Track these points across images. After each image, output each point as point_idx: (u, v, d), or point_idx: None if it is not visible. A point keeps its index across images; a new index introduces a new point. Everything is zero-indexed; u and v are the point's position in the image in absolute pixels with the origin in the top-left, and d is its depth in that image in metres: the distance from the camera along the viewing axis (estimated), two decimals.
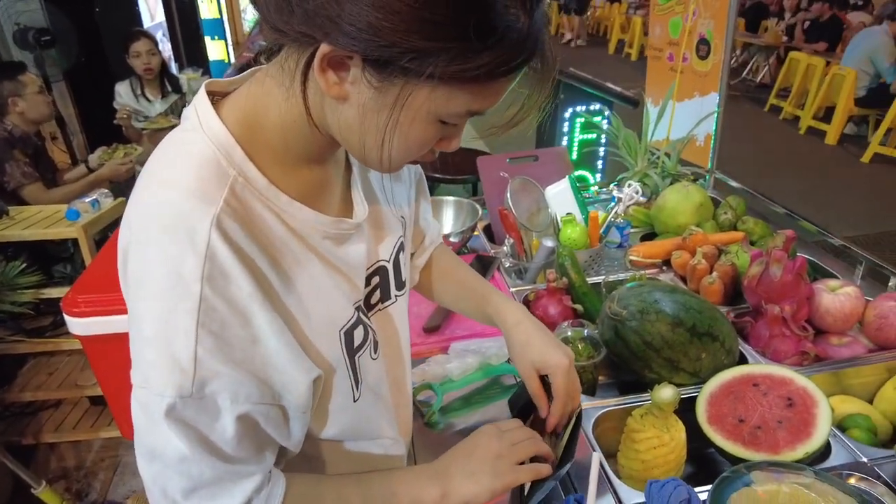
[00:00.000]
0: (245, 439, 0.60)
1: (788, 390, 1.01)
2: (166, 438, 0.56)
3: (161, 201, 0.56)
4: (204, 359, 0.55)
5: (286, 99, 0.59)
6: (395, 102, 0.54)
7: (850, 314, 1.23)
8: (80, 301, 1.50)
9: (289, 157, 0.64)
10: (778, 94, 7.11)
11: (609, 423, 1.07)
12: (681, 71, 2.02)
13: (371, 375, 0.76)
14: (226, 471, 0.59)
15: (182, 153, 0.59)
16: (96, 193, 2.09)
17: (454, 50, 0.50)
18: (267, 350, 0.59)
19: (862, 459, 0.94)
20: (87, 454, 2.40)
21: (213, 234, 0.55)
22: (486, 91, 0.56)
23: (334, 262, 0.69)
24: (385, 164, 0.61)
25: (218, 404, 0.57)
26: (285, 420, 0.63)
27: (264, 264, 0.60)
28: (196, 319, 0.54)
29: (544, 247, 1.49)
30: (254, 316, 0.58)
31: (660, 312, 1.08)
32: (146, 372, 0.56)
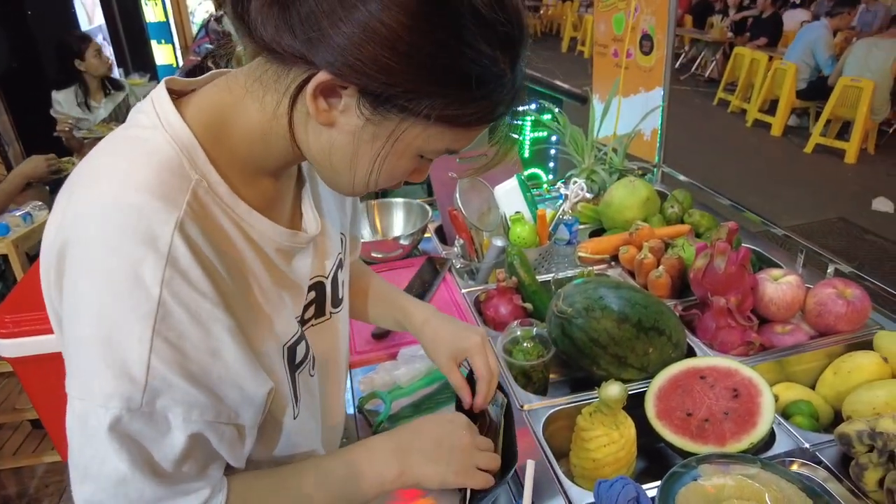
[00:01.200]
0: (192, 458, 0.57)
1: (734, 381, 1.02)
2: (104, 456, 0.52)
3: (119, 201, 0.52)
4: (157, 369, 0.51)
5: (260, 112, 0.58)
6: (389, 136, 0.56)
7: (792, 302, 1.25)
8: (8, 321, 1.42)
9: (250, 166, 0.62)
10: (725, 89, 7.32)
11: (560, 423, 1.06)
12: (625, 67, 2.04)
13: (308, 393, 0.75)
14: (166, 493, 0.56)
15: (141, 151, 0.55)
16: (28, 206, 1.98)
17: (451, 96, 0.53)
18: (225, 364, 0.56)
19: (805, 445, 0.96)
20: (29, 481, 2.27)
21: (175, 239, 0.52)
22: (468, 134, 0.59)
23: (283, 275, 0.67)
24: (356, 189, 0.63)
25: (169, 420, 0.53)
26: (240, 439, 0.60)
27: (223, 273, 0.57)
28: (152, 326, 0.51)
29: (494, 246, 1.48)
30: (214, 326, 0.55)
31: (605, 309, 1.07)
32: (87, 382, 0.52)
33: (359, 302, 0.99)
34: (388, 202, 1.78)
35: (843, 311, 1.21)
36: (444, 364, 0.87)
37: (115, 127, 2.38)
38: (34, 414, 2.14)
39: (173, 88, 0.61)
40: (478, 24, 0.51)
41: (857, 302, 1.21)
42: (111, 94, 3.67)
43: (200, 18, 9.08)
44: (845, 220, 4.16)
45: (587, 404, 1.02)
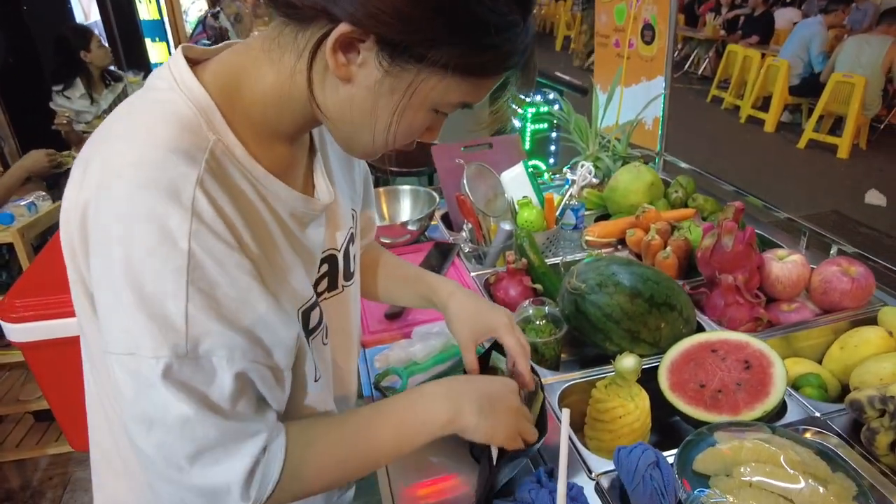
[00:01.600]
0: (244, 398, 0.58)
1: (745, 354, 1.04)
2: (165, 402, 0.54)
3: (141, 158, 0.53)
4: (196, 317, 0.53)
5: (276, 73, 0.59)
6: (408, 87, 0.56)
7: (797, 281, 1.27)
8: (18, 306, 1.42)
9: (265, 130, 0.63)
10: (718, 86, 7.38)
11: (574, 397, 1.08)
12: (627, 57, 2.06)
13: (323, 360, 0.76)
14: (230, 429, 0.57)
15: (160, 112, 0.57)
16: (32, 196, 1.98)
17: (467, 44, 0.54)
18: (254, 308, 0.57)
19: (815, 414, 0.98)
20: (33, 473, 2.27)
21: (197, 193, 0.53)
22: (481, 85, 0.60)
23: (298, 241, 0.68)
24: (375, 146, 0.63)
25: (213, 363, 0.55)
26: (278, 381, 0.62)
27: (245, 232, 0.58)
28: (186, 277, 0.52)
29: (502, 230, 1.50)
30: (241, 274, 0.56)
31: (618, 284, 1.09)
32: (132, 337, 0.53)
33: (382, 282, 1.00)
34: (396, 189, 1.79)
35: (847, 287, 1.23)
36: (464, 341, 0.88)
37: None
38: (38, 405, 2.13)
39: (189, 56, 0.62)
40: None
41: (862, 279, 1.24)
42: (111, 86, 3.66)
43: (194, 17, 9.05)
44: (839, 214, 4.21)
45: (600, 378, 1.04)
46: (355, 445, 0.67)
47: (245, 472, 0.57)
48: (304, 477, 0.63)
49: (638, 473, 0.81)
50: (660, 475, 0.80)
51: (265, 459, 0.59)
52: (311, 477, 0.64)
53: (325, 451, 0.65)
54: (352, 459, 0.67)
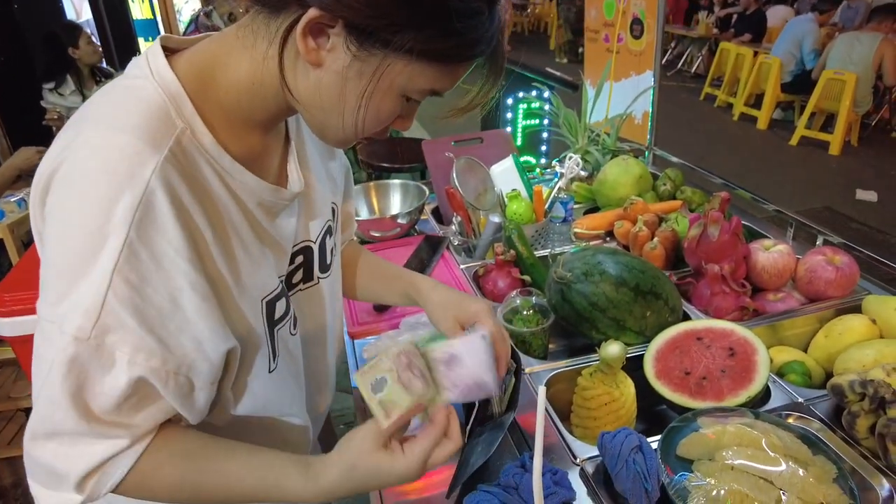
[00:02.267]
0: (128, 403, 0.58)
1: (730, 341, 1.05)
2: (48, 373, 0.54)
3: (104, 141, 0.54)
4: (112, 305, 0.53)
5: (249, 60, 0.60)
6: (374, 72, 0.57)
7: (783, 270, 1.28)
8: (7, 299, 1.42)
9: (237, 118, 0.64)
10: (711, 83, 7.40)
11: (560, 385, 1.08)
12: (616, 51, 2.07)
13: (287, 351, 0.76)
14: (87, 429, 0.57)
15: (130, 98, 0.58)
16: (22, 192, 1.97)
17: (433, 29, 0.55)
18: (184, 314, 0.57)
19: (798, 400, 0.99)
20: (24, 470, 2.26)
21: (153, 181, 0.54)
22: (449, 72, 0.61)
23: (265, 231, 0.68)
24: (345, 132, 0.63)
25: (114, 357, 0.54)
26: (190, 390, 0.61)
27: (202, 222, 0.59)
28: (115, 263, 0.52)
29: (491, 223, 1.50)
30: (178, 275, 0.56)
31: (603, 273, 1.10)
32: (51, 305, 0.54)
33: (361, 280, 1.00)
34: (386, 183, 1.79)
35: (832, 276, 1.24)
36: (450, 327, 0.88)
37: None
38: (29, 402, 2.12)
39: (167, 46, 0.63)
40: None
41: (846, 268, 1.25)
42: (102, 83, 3.65)
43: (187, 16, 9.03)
44: (831, 210, 4.24)
45: (586, 367, 1.05)
46: (207, 484, 0.64)
47: (85, 469, 0.58)
48: (151, 488, 0.63)
49: (621, 458, 0.82)
50: (643, 459, 0.81)
51: (111, 463, 0.60)
52: (156, 494, 0.64)
53: (174, 481, 0.63)
54: (200, 495, 0.65)
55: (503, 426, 0.91)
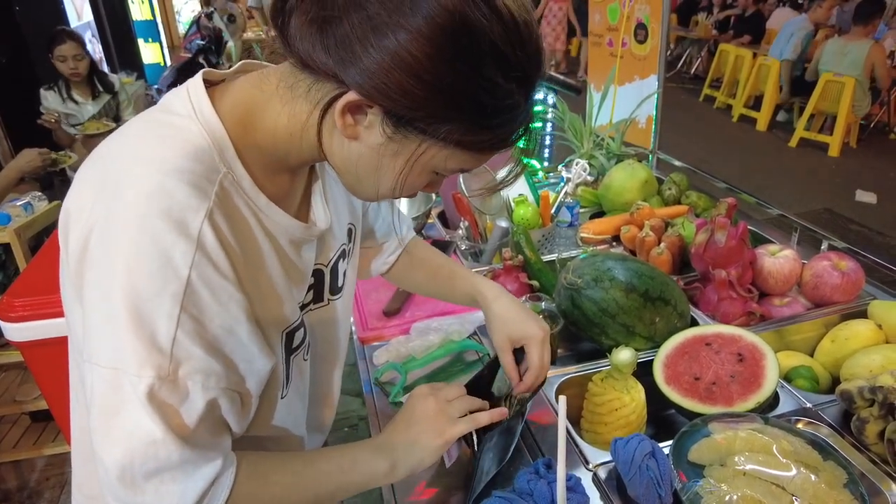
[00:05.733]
0: (207, 424, 0.60)
1: (738, 347, 1.06)
2: (137, 420, 0.55)
3: (155, 186, 0.55)
4: (182, 341, 0.55)
5: (288, 114, 0.62)
6: (411, 155, 0.60)
7: (789, 275, 1.30)
8: (17, 305, 1.42)
9: (272, 161, 0.65)
10: (711, 85, 7.42)
11: (571, 390, 1.09)
12: (620, 56, 2.08)
13: (299, 376, 0.78)
14: (192, 455, 0.58)
15: (176, 139, 0.58)
16: (28, 196, 1.97)
17: (468, 123, 0.57)
18: (238, 339, 0.60)
19: (807, 405, 1.00)
20: (30, 474, 2.26)
21: (204, 226, 0.56)
22: (481, 156, 0.63)
23: (292, 265, 0.71)
24: (378, 198, 0.67)
25: (188, 387, 0.57)
26: (244, 406, 0.64)
27: (240, 259, 0.61)
28: (180, 303, 0.54)
29: (498, 228, 1.51)
30: (232, 304, 0.59)
31: (613, 280, 1.11)
32: (118, 352, 0.55)
33: (426, 280, 1.03)
34: None
35: (838, 282, 1.25)
36: (502, 343, 0.90)
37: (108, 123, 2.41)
38: (34, 406, 2.13)
39: (206, 79, 0.64)
40: (497, 61, 0.55)
41: (852, 273, 1.26)
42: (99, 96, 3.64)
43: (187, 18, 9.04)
44: (831, 211, 4.25)
45: (596, 372, 1.06)
46: (298, 487, 0.69)
47: (197, 496, 0.59)
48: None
49: (634, 464, 0.83)
50: (656, 465, 0.82)
51: (216, 484, 0.61)
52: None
53: (271, 487, 0.67)
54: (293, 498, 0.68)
55: (515, 433, 0.92)
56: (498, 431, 0.85)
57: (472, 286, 0.97)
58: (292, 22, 0.56)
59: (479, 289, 0.96)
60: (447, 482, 0.92)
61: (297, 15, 0.56)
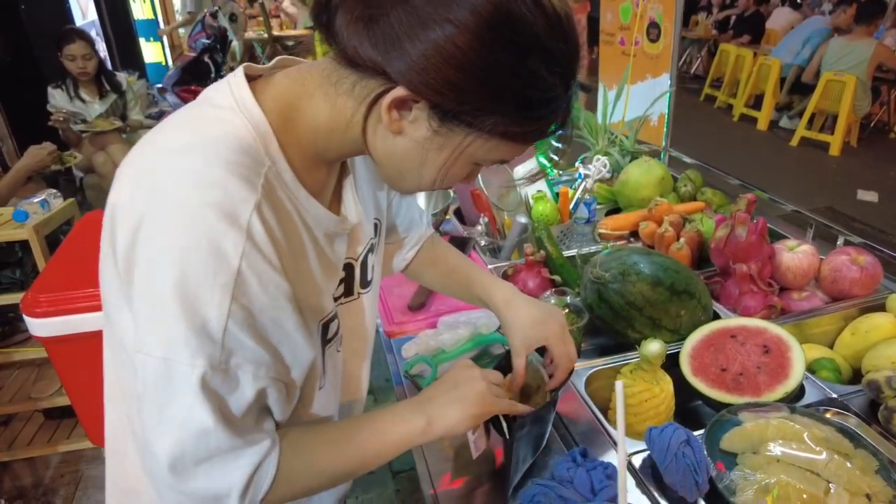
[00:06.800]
0: (254, 411, 0.61)
1: (764, 339, 1.08)
2: (189, 409, 0.56)
3: (205, 178, 0.55)
4: (233, 331, 0.56)
5: (330, 109, 0.62)
6: (455, 147, 0.61)
7: (808, 270, 1.32)
8: (41, 301, 1.43)
9: (311, 155, 0.66)
10: (711, 85, 7.45)
11: (598, 383, 1.11)
12: (633, 55, 2.10)
13: (332, 367, 0.79)
14: (239, 443, 0.60)
15: (221, 132, 0.59)
16: (44, 194, 1.98)
17: (512, 115, 0.58)
18: (284, 329, 0.61)
19: (833, 396, 1.02)
20: (44, 471, 2.27)
21: (253, 218, 0.57)
22: (522, 147, 0.64)
23: (326, 258, 0.72)
24: (418, 189, 0.69)
25: (239, 377, 0.58)
26: (288, 396, 0.65)
27: (284, 250, 0.62)
28: (231, 293, 0.55)
29: (518, 223, 1.53)
30: (279, 295, 0.60)
31: (640, 273, 1.12)
32: (170, 342, 0.55)
33: (440, 280, 1.04)
34: None
35: (857, 276, 1.27)
36: (517, 348, 0.91)
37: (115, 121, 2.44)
38: (49, 403, 2.14)
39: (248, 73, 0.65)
40: (541, 53, 0.56)
41: (870, 267, 1.28)
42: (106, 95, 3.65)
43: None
44: (833, 210, 4.28)
45: (623, 365, 1.07)
46: (341, 455, 0.70)
47: (246, 479, 0.61)
48: (294, 482, 0.66)
49: (670, 452, 0.84)
50: (692, 452, 0.84)
51: (262, 466, 0.62)
52: (300, 482, 0.67)
53: (314, 460, 0.68)
54: (338, 467, 0.70)
55: (547, 422, 0.93)
56: (530, 421, 0.86)
57: (484, 290, 0.97)
58: (337, 20, 0.57)
59: (490, 293, 0.96)
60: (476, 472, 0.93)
61: (342, 13, 0.57)
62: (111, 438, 0.82)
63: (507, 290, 0.96)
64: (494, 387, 0.80)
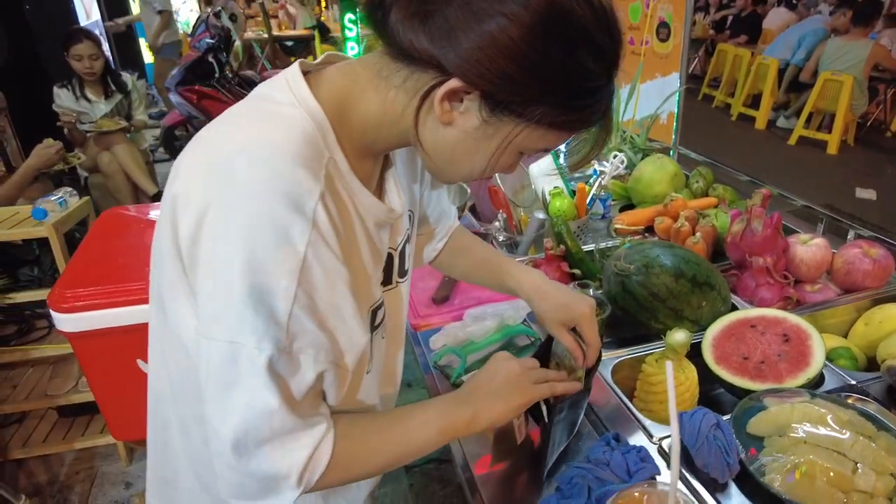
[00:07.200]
0: (312, 394, 0.64)
1: (783, 328, 1.11)
2: (255, 391, 0.59)
3: (272, 168, 0.57)
4: (297, 316, 0.58)
5: (381, 102, 0.65)
6: (505, 137, 0.63)
7: (821, 262, 1.35)
8: (69, 296, 1.45)
9: (361, 147, 0.69)
10: (709, 84, 7.50)
11: (623, 372, 1.14)
12: (643, 54, 2.13)
13: (377, 353, 0.82)
14: (301, 424, 0.62)
15: (286, 124, 0.61)
16: (61, 192, 2.00)
17: (560, 105, 0.60)
18: (342, 315, 0.63)
19: (852, 382, 1.05)
20: (59, 468, 2.29)
21: (318, 208, 0.59)
22: (567, 136, 0.66)
23: (374, 246, 0.74)
24: (460, 180, 0.72)
25: (301, 361, 0.60)
26: (342, 381, 0.67)
27: (343, 238, 0.64)
28: (297, 279, 0.57)
29: (535, 219, 1.56)
30: (339, 282, 0.62)
31: (663, 266, 1.16)
32: (237, 326, 0.57)
33: (468, 269, 1.07)
34: None
35: (869, 268, 1.31)
36: (556, 329, 0.94)
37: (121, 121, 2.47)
38: (66, 400, 2.15)
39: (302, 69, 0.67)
40: (588, 44, 0.59)
41: (882, 260, 1.32)
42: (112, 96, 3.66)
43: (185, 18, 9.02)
44: (832, 208, 4.33)
45: (647, 355, 1.10)
46: (390, 443, 0.73)
47: (305, 459, 0.63)
48: (346, 466, 0.68)
49: (701, 435, 0.87)
50: (722, 435, 0.87)
51: (320, 447, 0.64)
52: (352, 467, 0.69)
53: (366, 446, 0.71)
54: (386, 454, 0.72)
55: (581, 408, 0.96)
56: (567, 406, 0.89)
57: (513, 278, 1.00)
58: (392, 16, 0.60)
59: (519, 281, 0.99)
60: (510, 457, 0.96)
61: (396, 9, 0.59)
62: (153, 430, 0.85)
63: (537, 278, 0.99)
64: (534, 372, 0.83)
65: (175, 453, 0.82)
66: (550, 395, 0.83)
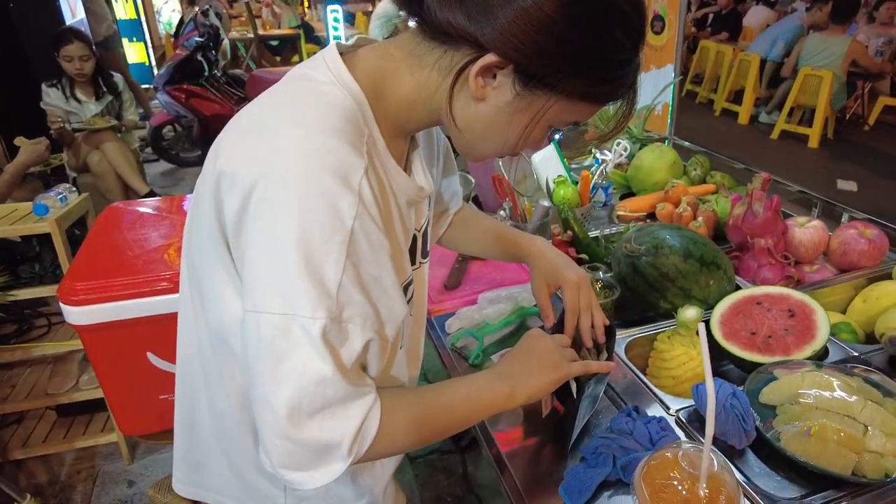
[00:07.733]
0: (358, 365, 0.65)
1: (788, 304, 1.15)
2: (308, 360, 0.59)
3: (319, 143, 0.59)
4: (346, 286, 0.60)
5: (415, 82, 0.67)
6: (538, 111, 0.65)
7: (818, 244, 1.40)
8: (80, 288, 1.45)
9: (395, 126, 0.71)
10: (692, 81, 7.63)
11: (635, 350, 1.18)
12: None
13: (407, 329, 0.84)
14: (353, 392, 0.63)
15: (326, 102, 0.63)
16: (61, 188, 1.99)
17: (591, 77, 0.63)
18: (384, 285, 0.65)
19: (855, 354, 1.10)
20: (59, 468, 2.27)
21: (363, 181, 0.61)
22: (596, 108, 0.69)
23: (405, 225, 0.76)
24: (490, 156, 0.74)
25: (348, 329, 0.62)
26: (382, 351, 0.69)
27: (383, 213, 0.66)
28: (346, 250, 0.59)
29: (540, 206, 1.59)
30: (381, 253, 0.64)
31: (672, 247, 1.19)
32: (290, 297, 0.59)
33: (473, 237, 1.10)
34: None
35: (865, 248, 1.36)
36: (537, 286, 0.99)
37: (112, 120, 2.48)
38: (67, 398, 2.13)
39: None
40: (617, 18, 0.61)
41: (877, 240, 1.37)
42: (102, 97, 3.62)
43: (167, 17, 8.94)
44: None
45: (658, 333, 1.14)
46: (434, 417, 0.75)
47: (356, 428, 0.64)
48: (392, 437, 0.69)
49: (719, 403, 0.91)
50: (739, 403, 0.90)
51: (369, 416, 0.66)
52: (397, 439, 0.70)
53: (411, 418, 0.72)
54: (430, 427, 0.74)
55: (604, 382, 0.99)
56: (595, 381, 0.92)
57: (516, 244, 1.04)
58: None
59: (521, 246, 1.03)
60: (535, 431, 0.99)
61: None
62: (182, 415, 0.86)
63: (540, 242, 1.03)
64: (568, 350, 0.86)
65: (204, 437, 0.84)
66: (584, 372, 0.86)
